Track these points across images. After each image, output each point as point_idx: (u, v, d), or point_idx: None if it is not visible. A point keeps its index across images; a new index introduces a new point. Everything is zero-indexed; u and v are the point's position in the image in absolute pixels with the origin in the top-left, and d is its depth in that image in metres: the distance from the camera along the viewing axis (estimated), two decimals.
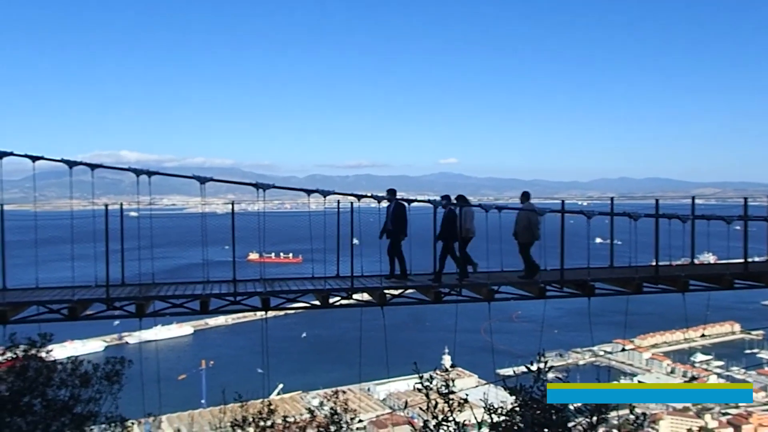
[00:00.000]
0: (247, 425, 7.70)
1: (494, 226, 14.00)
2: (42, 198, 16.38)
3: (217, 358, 72.33)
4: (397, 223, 14.48)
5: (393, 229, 14.55)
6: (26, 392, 7.89)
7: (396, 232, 14.52)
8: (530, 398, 4.42)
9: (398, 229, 14.52)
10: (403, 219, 14.55)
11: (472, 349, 64.06)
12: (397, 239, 14.61)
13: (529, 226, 14.68)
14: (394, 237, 14.59)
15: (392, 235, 14.59)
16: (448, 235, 14.60)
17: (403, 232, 14.60)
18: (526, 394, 4.49)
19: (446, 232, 14.62)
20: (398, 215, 14.52)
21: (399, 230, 14.53)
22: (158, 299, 13.04)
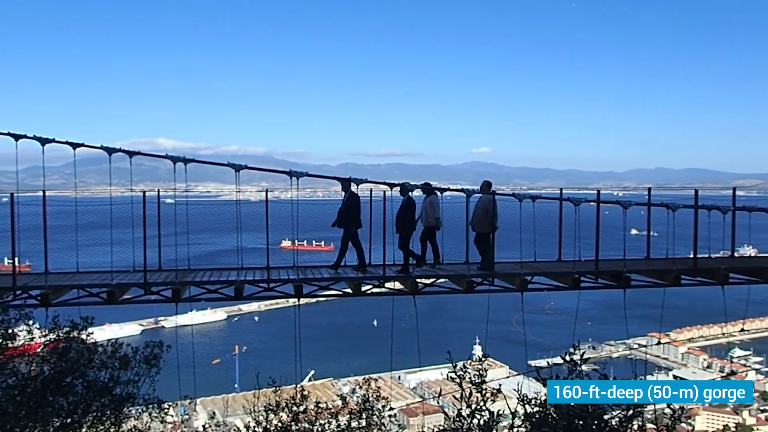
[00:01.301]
0: (280, 410, 7.82)
1: (528, 215, 13.87)
2: (81, 184, 16.86)
3: (249, 344, 73.41)
4: (348, 214, 14.27)
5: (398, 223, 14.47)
6: (68, 373, 8.12)
7: (347, 223, 14.30)
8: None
9: (349, 220, 14.29)
10: (356, 210, 14.34)
11: (502, 339, 63.77)
12: (349, 230, 14.40)
13: (486, 215, 14.43)
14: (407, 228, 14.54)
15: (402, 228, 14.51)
16: (405, 224, 14.49)
17: (354, 223, 14.35)
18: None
19: (402, 221, 14.50)
20: (350, 206, 14.30)
21: (350, 221, 14.30)
22: (194, 285, 13.28)
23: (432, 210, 14.62)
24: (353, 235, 14.42)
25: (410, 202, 14.59)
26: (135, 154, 13.49)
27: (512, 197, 14.12)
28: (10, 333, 8.15)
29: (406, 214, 14.48)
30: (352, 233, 14.38)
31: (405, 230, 14.47)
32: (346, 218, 14.26)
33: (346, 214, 14.25)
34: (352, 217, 14.28)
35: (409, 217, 14.50)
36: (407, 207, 14.52)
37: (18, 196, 13.43)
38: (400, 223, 14.47)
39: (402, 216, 14.48)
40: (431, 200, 14.68)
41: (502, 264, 14.64)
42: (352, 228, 14.34)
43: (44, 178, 13.40)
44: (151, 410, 8.54)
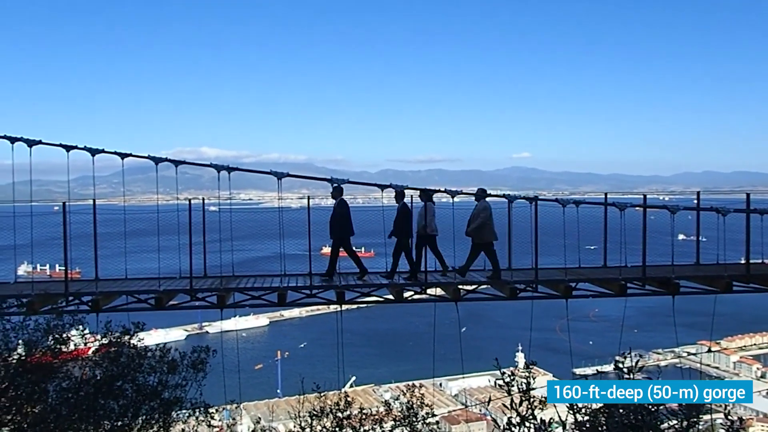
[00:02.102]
0: (324, 416, 7.85)
1: (571, 221, 13.65)
2: (128, 193, 17.26)
3: (291, 350, 74.01)
4: (339, 223, 14.13)
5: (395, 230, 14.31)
6: (119, 377, 8.33)
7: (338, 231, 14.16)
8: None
9: (340, 228, 14.15)
10: (345, 218, 14.20)
11: (544, 347, 62.82)
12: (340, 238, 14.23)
13: (483, 225, 14.10)
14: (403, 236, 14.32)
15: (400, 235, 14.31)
16: (401, 231, 14.24)
17: (345, 231, 14.21)
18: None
19: (399, 228, 14.27)
20: (340, 214, 14.16)
21: (341, 230, 14.17)
22: (238, 291, 13.46)
23: (425, 217, 14.31)
24: (345, 243, 14.25)
25: (405, 209, 14.41)
26: (180, 163, 13.79)
27: (555, 202, 13.94)
28: (63, 338, 8.39)
29: (402, 220, 14.31)
30: (343, 241, 14.21)
31: (401, 237, 14.27)
32: (338, 227, 14.10)
33: (337, 223, 14.10)
34: (342, 225, 14.13)
35: (405, 224, 14.30)
36: (402, 213, 14.36)
37: (69, 205, 13.85)
38: (396, 230, 14.31)
39: (397, 222, 14.31)
40: (429, 207, 14.37)
41: (545, 270, 14.43)
42: (344, 236, 14.17)
43: (94, 187, 13.76)
44: (198, 414, 8.69)
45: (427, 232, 14.19)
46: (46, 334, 8.39)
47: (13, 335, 8.26)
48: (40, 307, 11.86)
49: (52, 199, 22.21)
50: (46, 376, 8.15)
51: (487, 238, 14.18)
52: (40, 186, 14.17)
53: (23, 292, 12.27)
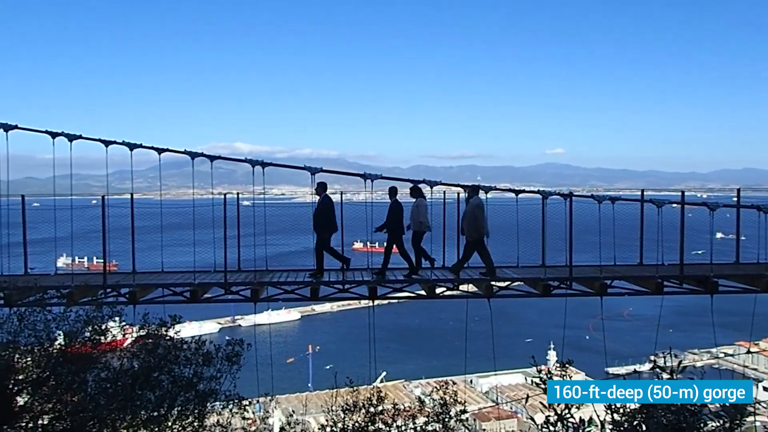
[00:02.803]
0: (357, 410, 7.87)
1: (607, 218, 13.47)
2: (164, 187, 17.67)
3: (322, 344, 74.43)
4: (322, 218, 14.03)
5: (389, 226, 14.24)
6: (156, 369, 8.48)
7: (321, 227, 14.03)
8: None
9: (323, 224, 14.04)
10: (329, 214, 14.09)
11: (575, 345, 62.03)
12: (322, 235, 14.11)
13: (475, 222, 13.89)
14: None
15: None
16: (394, 228, 14.15)
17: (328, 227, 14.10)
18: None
19: (391, 224, 14.16)
20: (325, 210, 14.05)
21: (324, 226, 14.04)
22: (271, 285, 13.59)
23: (417, 214, 14.25)
24: (326, 239, 14.18)
25: (397, 206, 14.34)
26: (216, 158, 13.97)
27: (590, 199, 13.76)
28: (102, 329, 8.57)
29: (394, 217, 14.25)
30: (325, 238, 14.15)
31: (393, 234, 14.24)
32: (322, 222, 14.04)
33: (321, 218, 14.03)
34: (325, 222, 14.09)
35: (397, 221, 14.25)
36: (394, 210, 14.29)
37: (107, 198, 14.13)
38: (389, 227, 14.25)
39: (389, 219, 14.26)
40: (418, 204, 14.33)
41: (579, 267, 14.25)
42: (326, 233, 14.11)
43: (132, 181, 14.03)
44: (233, 406, 8.79)
45: (420, 228, 14.17)
46: (85, 325, 8.58)
47: (54, 325, 8.47)
48: (79, 299, 12.15)
49: (90, 192, 22.71)
50: (85, 366, 8.33)
51: (480, 234, 14.07)
52: (79, 180, 14.52)
53: (63, 284, 12.56)
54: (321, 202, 14.04)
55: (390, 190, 14.34)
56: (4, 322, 8.26)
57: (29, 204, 14.85)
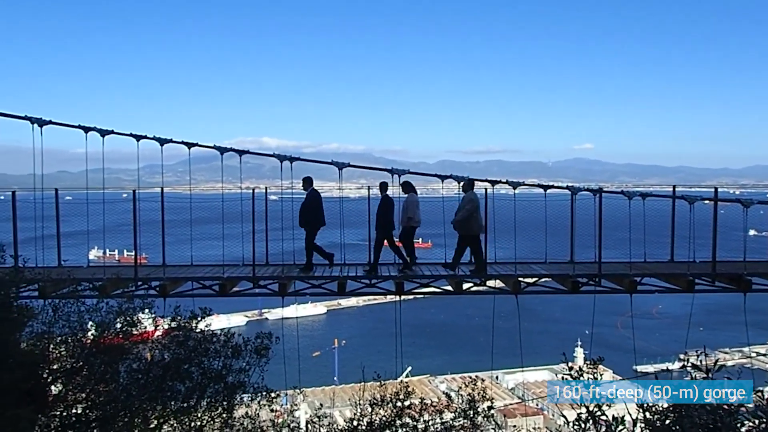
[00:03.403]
0: (384, 404, 7.89)
1: (637, 214, 13.26)
2: (193, 181, 17.83)
3: (348, 338, 74.73)
4: (310, 213, 14.11)
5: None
6: (186, 360, 8.60)
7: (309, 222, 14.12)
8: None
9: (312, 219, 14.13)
10: (318, 209, 14.20)
11: (603, 343, 61.27)
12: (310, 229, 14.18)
13: (469, 217, 13.77)
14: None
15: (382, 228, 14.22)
16: (383, 224, 14.07)
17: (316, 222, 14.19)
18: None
19: (381, 220, 14.08)
20: (313, 204, 14.15)
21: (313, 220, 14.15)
22: (299, 279, 13.67)
23: (407, 209, 14.21)
24: (312, 234, 14.24)
25: (387, 201, 14.28)
26: (244, 153, 14.08)
27: (620, 195, 13.57)
28: (133, 320, 8.71)
29: (384, 212, 14.20)
30: (311, 232, 14.20)
31: (383, 229, 14.19)
32: (311, 217, 14.12)
33: (310, 213, 14.10)
34: (313, 216, 14.14)
35: (387, 216, 14.19)
36: (384, 206, 14.24)
37: (138, 192, 14.33)
38: (378, 223, 14.21)
39: (379, 215, 14.21)
40: (408, 199, 14.28)
41: (609, 264, 14.07)
42: (312, 228, 14.18)
43: (162, 175, 14.20)
44: (261, 399, 8.88)
45: (410, 224, 14.15)
46: (117, 317, 8.73)
47: (87, 317, 8.63)
48: (111, 291, 12.35)
49: (121, 186, 23.07)
50: (117, 357, 8.49)
51: (473, 230, 13.97)
52: (110, 174, 14.77)
53: (96, 276, 12.78)
54: (308, 196, 14.18)
55: (381, 185, 14.35)
56: (39, 313, 8.45)
57: (62, 197, 15.11)
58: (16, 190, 14.60)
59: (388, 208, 14.19)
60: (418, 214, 14.26)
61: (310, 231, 14.13)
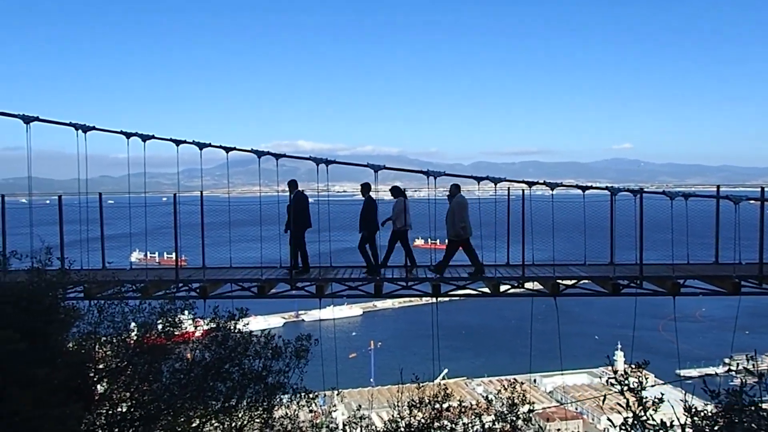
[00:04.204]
0: (423, 406, 7.87)
1: (679, 215, 12.96)
2: (230, 185, 18.06)
3: (384, 340, 74.84)
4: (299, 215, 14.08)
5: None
6: (227, 360, 8.73)
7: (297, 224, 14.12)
8: (742, 404, 3.97)
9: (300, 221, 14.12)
10: (305, 211, 14.21)
11: (644, 347, 59.98)
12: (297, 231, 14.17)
13: (456, 221, 13.64)
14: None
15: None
16: (367, 225, 14.00)
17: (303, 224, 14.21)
18: (733, 398, 4.04)
19: (365, 222, 14.03)
20: (301, 207, 14.16)
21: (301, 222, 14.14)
22: (336, 281, 13.73)
23: (397, 212, 14.18)
24: (300, 236, 14.23)
25: (370, 203, 14.25)
26: (281, 156, 14.23)
27: (662, 195, 13.29)
28: (175, 321, 8.87)
29: (366, 214, 14.17)
30: (299, 234, 14.19)
31: (366, 231, 14.14)
32: (299, 219, 14.13)
33: (297, 215, 14.12)
34: (302, 218, 14.17)
35: (369, 218, 14.15)
36: (367, 208, 14.21)
37: (178, 196, 14.59)
38: (361, 224, 14.19)
39: (362, 217, 14.20)
40: (397, 203, 14.26)
41: (650, 266, 13.78)
42: (300, 230, 14.18)
43: (202, 179, 14.42)
44: (300, 400, 8.95)
45: (399, 227, 14.13)
46: (159, 318, 8.91)
47: (130, 318, 8.83)
48: (153, 292, 12.58)
49: (160, 190, 23.52)
50: (159, 356, 8.66)
51: (462, 234, 13.84)
52: (150, 178, 15.06)
53: (138, 278, 13.05)
54: (295, 198, 14.29)
55: (362, 186, 14.41)
56: (85, 314, 8.67)
57: (104, 201, 15.46)
58: (62, 194, 15.00)
59: (373, 211, 14.27)
60: (408, 217, 14.33)
61: (297, 232, 14.21)
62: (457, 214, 13.83)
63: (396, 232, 14.28)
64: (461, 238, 13.89)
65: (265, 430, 8.77)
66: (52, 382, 6.51)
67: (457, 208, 13.87)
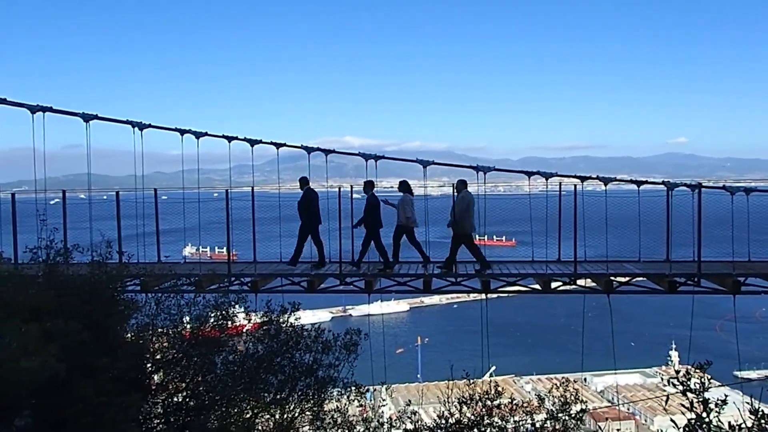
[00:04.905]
0: (473, 403, 7.81)
1: (739, 211, 12.51)
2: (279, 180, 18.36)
3: (431, 336, 74.71)
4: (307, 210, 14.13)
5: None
6: (279, 354, 8.86)
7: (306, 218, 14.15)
8: None
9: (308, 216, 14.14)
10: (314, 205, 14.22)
11: (699, 347, 58.04)
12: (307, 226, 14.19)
13: (462, 216, 13.41)
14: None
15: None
16: (371, 222, 13.88)
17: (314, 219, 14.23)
18: None
19: (368, 219, 13.90)
20: (309, 201, 14.17)
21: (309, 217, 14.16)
22: (385, 277, 13.76)
23: (403, 209, 14.04)
24: (313, 230, 14.24)
25: (373, 200, 14.14)
26: (330, 153, 14.36)
27: (721, 190, 12.85)
28: (229, 314, 9.05)
29: (369, 211, 14.06)
30: (311, 229, 14.20)
31: (370, 228, 14.03)
32: (306, 214, 14.13)
33: (305, 210, 14.13)
34: (311, 213, 14.15)
35: (373, 215, 14.04)
36: (370, 204, 14.10)
37: (230, 192, 14.86)
38: (364, 221, 14.08)
39: (366, 213, 14.08)
40: (404, 199, 14.12)
41: (709, 263, 13.33)
42: (310, 224, 14.17)
43: (252, 175, 14.67)
44: (350, 394, 9.01)
45: (407, 223, 14.04)
46: (213, 311, 9.11)
47: (185, 310, 9.06)
48: (207, 286, 12.85)
49: (211, 186, 24.01)
50: (213, 348, 8.85)
51: (466, 230, 13.65)
52: (202, 174, 15.45)
53: (192, 272, 13.35)
54: (305, 194, 14.36)
55: (365, 183, 14.34)
56: (142, 306, 8.93)
57: (158, 197, 15.85)
58: (119, 190, 15.46)
59: (376, 208, 14.27)
60: (414, 213, 14.28)
61: (307, 227, 14.31)
62: (458, 210, 13.74)
63: (400, 227, 14.28)
64: (460, 233, 13.80)
65: (315, 422, 8.86)
66: (113, 372, 6.73)
67: (460, 203, 13.79)
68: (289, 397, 8.77)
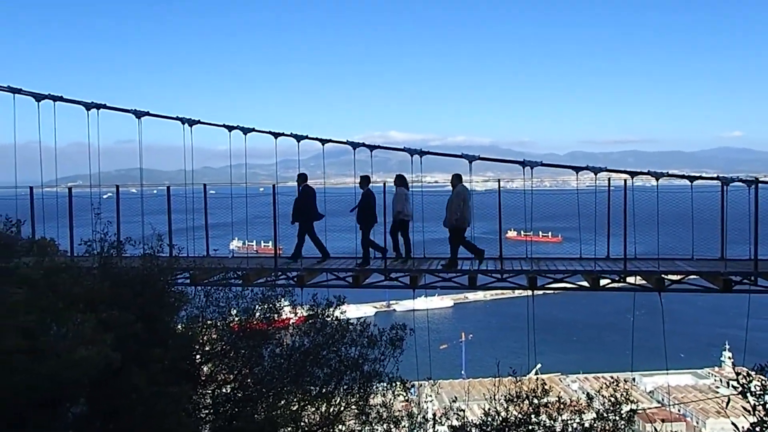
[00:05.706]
0: (521, 401, 7.73)
1: None
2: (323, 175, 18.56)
3: (475, 332, 74.23)
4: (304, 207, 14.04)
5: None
6: (325, 347, 8.94)
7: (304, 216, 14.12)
8: None
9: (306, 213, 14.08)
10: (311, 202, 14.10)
11: (752, 348, 56.10)
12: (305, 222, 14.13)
13: (458, 211, 13.19)
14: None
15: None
16: (366, 218, 13.68)
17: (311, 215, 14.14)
18: None
19: (363, 215, 13.71)
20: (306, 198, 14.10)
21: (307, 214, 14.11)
22: (429, 273, 13.70)
23: (398, 203, 13.83)
24: (310, 227, 14.12)
25: (370, 194, 13.96)
26: (375, 148, 14.38)
27: None
28: (276, 308, 9.18)
29: (365, 206, 13.85)
30: (308, 226, 14.10)
31: (364, 224, 13.84)
32: (304, 211, 14.04)
33: (303, 207, 14.05)
34: (308, 210, 14.06)
35: (368, 210, 13.83)
36: (366, 199, 13.95)
37: (277, 187, 15.03)
38: (360, 217, 13.90)
39: (361, 209, 13.89)
40: (398, 192, 13.89)
41: (766, 262, 12.85)
42: (308, 221, 14.10)
43: (298, 170, 14.78)
44: (395, 389, 9.03)
45: (398, 217, 13.90)
46: (260, 304, 9.25)
47: (234, 303, 9.22)
48: (254, 280, 13.04)
49: (257, 181, 24.33)
50: (261, 341, 8.99)
51: (460, 224, 13.48)
52: (249, 169, 15.67)
53: (240, 266, 13.57)
54: (303, 192, 14.29)
55: (361, 178, 14.24)
56: (191, 299, 9.13)
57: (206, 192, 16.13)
58: (169, 185, 15.80)
59: (372, 203, 14.17)
60: (407, 207, 14.15)
61: (305, 225, 14.27)
62: (454, 204, 13.63)
63: (393, 221, 14.22)
64: (455, 228, 13.67)
65: (361, 416, 8.91)
66: (164, 362, 6.90)
67: (455, 198, 13.68)
68: (334, 391, 8.84)
